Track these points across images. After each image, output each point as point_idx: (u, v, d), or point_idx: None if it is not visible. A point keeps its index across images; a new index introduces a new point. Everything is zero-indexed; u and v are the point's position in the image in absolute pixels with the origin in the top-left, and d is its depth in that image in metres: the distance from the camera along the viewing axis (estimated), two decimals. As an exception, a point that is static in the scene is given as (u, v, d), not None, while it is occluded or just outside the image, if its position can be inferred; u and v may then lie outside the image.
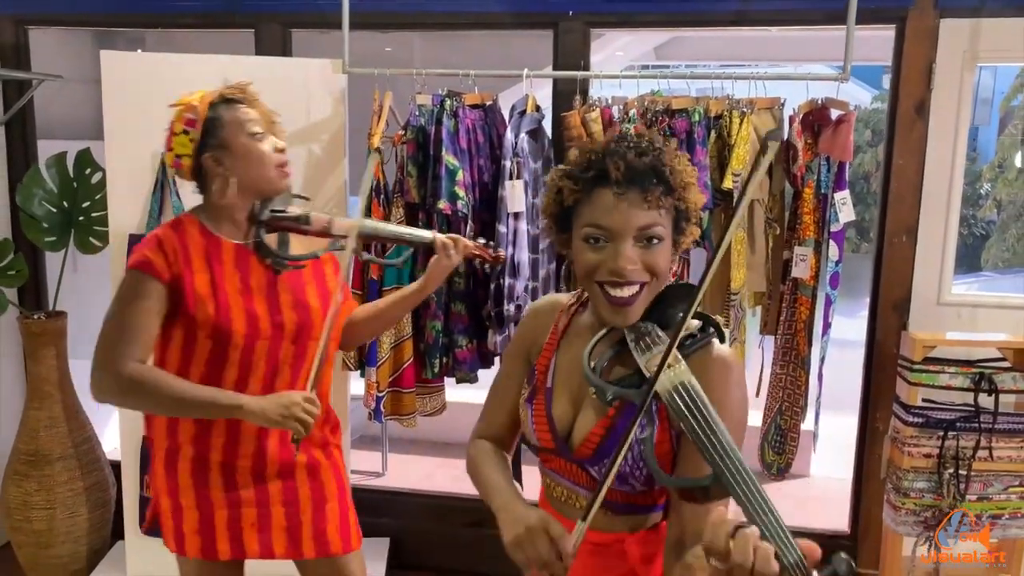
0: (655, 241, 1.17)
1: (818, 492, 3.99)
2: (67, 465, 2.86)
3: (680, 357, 1.11)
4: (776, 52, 4.61)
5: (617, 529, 1.27)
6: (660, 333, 1.18)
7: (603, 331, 1.22)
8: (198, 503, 1.76)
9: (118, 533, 2.88)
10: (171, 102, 1.83)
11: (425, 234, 1.87)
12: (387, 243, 2.18)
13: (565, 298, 1.36)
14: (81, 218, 2.90)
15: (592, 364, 1.17)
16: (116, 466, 2.85)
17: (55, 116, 3.36)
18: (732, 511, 1.07)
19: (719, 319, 1.51)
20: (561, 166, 1.25)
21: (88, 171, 2.89)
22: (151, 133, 2.51)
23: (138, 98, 2.53)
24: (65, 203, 2.88)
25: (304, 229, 1.78)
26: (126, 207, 2.58)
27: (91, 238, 2.91)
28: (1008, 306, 2.65)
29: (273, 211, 1.74)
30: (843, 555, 0.95)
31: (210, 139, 1.73)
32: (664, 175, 1.17)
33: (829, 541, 2.89)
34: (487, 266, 2.00)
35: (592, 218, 1.17)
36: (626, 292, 1.17)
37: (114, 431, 3.23)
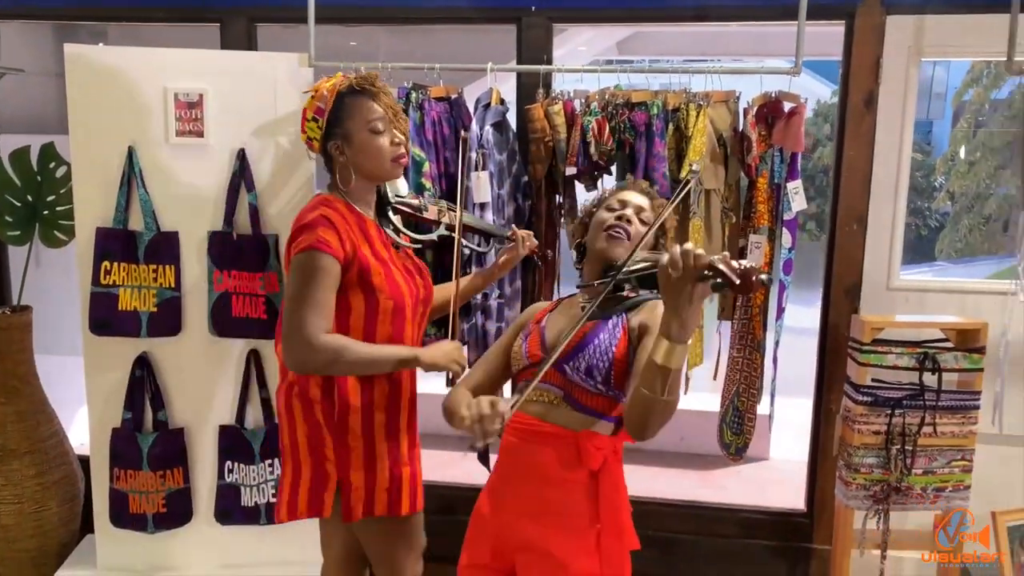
0: (642, 220, 1.76)
1: (777, 474, 4.12)
2: (34, 459, 2.86)
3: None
4: (737, 47, 4.73)
5: (575, 426, 1.64)
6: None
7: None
8: (391, 465, 1.96)
9: (88, 527, 2.88)
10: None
11: (503, 231, 2.29)
12: (477, 233, 2.38)
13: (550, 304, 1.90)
14: (46, 212, 2.90)
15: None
16: (84, 461, 2.85)
17: (17, 110, 3.34)
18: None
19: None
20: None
21: (52, 165, 2.89)
22: (117, 127, 2.56)
23: (103, 92, 2.54)
24: (29, 197, 2.87)
25: (420, 217, 2.11)
26: (93, 201, 2.59)
27: (56, 232, 2.90)
28: (953, 290, 2.78)
29: (397, 196, 2.07)
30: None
31: (335, 128, 1.91)
32: (655, 198, 1.85)
33: (786, 519, 3.01)
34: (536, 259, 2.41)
35: (615, 198, 1.81)
36: (619, 232, 1.72)
37: (82, 426, 3.22)
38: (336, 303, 1.85)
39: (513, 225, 2.26)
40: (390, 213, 2.03)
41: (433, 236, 2.16)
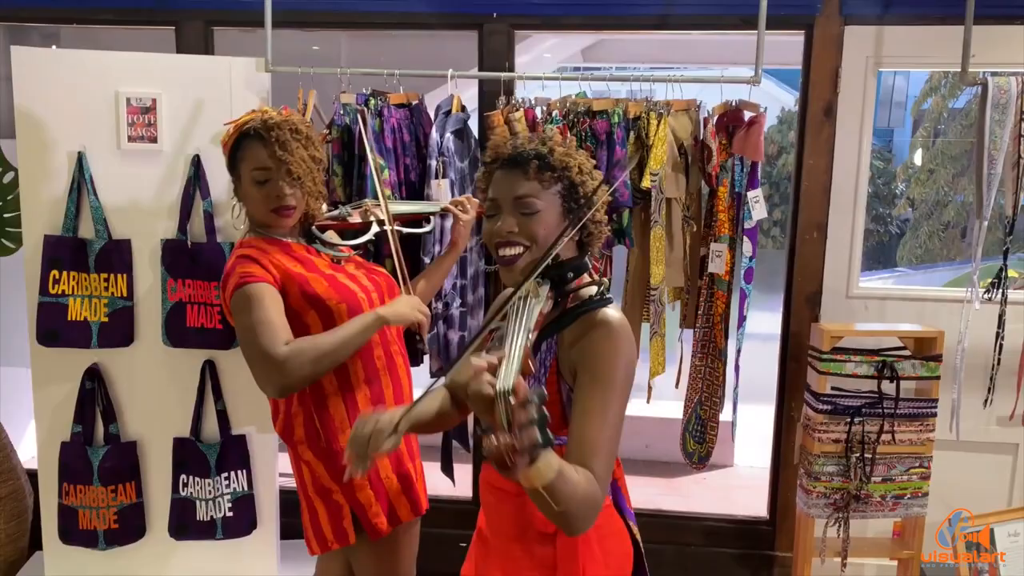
0: (532, 212, 1.35)
1: (741, 481, 4.14)
2: (-20, 475, 2.77)
3: (540, 287, 1.30)
4: (701, 55, 4.75)
5: None
6: (542, 282, 1.32)
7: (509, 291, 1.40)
8: (395, 467, 1.92)
9: (38, 544, 2.79)
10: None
11: (434, 206, 2.25)
12: (411, 219, 2.31)
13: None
14: (-8, 219, 2.82)
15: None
16: (34, 475, 2.77)
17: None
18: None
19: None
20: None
21: (0, 170, 2.80)
22: (66, 131, 2.48)
23: (52, 96, 2.47)
24: (-25, 203, 2.79)
25: (347, 224, 2.05)
26: (41, 208, 2.51)
27: (3, 239, 2.82)
28: (912, 298, 2.81)
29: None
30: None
31: (231, 168, 1.95)
32: (543, 154, 1.37)
33: (749, 527, 3.02)
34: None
35: (489, 192, 1.41)
36: (509, 252, 1.36)
37: (31, 441, 3.13)
38: (293, 328, 1.81)
39: (447, 203, 2.20)
40: (316, 232, 1.98)
41: (370, 236, 2.09)
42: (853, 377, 2.40)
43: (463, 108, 2.55)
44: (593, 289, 1.39)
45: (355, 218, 2.08)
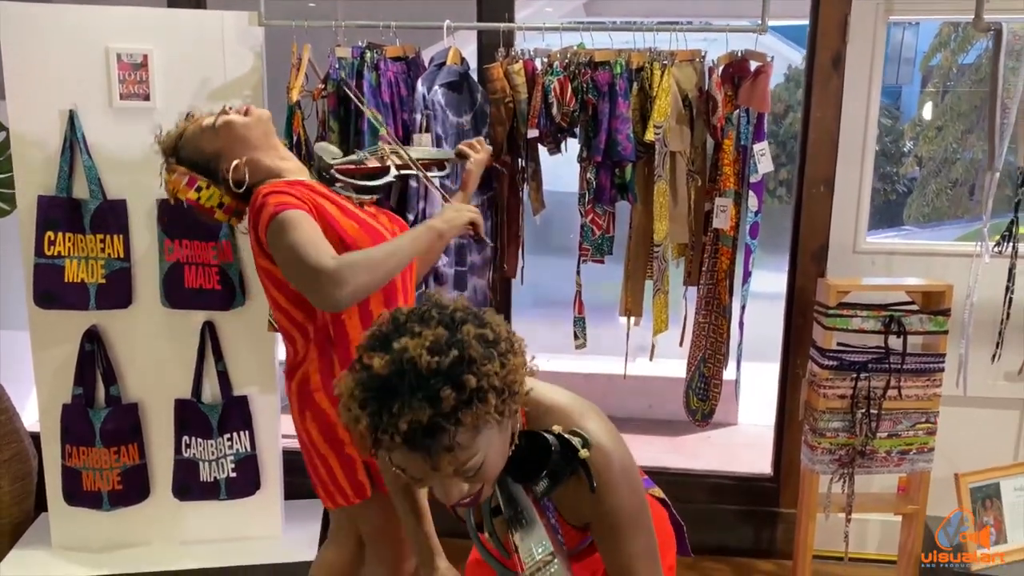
0: (472, 473, 1.08)
1: (745, 439, 4.14)
2: (-17, 437, 2.77)
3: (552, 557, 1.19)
4: (704, 9, 4.65)
5: None
6: (526, 505, 1.21)
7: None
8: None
9: (42, 505, 2.80)
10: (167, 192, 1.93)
11: (448, 153, 2.18)
12: (430, 164, 2.20)
13: None
14: (-15, 180, 2.78)
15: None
16: (37, 438, 2.76)
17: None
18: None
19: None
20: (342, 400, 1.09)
21: (-10, 131, 2.76)
22: (57, 90, 2.44)
23: (41, 53, 2.42)
24: (-33, 165, 2.75)
25: (365, 168, 1.98)
26: (34, 168, 2.48)
27: (-2, 201, 2.79)
28: (918, 252, 2.76)
29: (334, 160, 1.94)
30: None
31: (210, 164, 1.85)
32: (451, 426, 1.01)
33: (753, 484, 3.02)
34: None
35: (396, 462, 1.07)
36: (467, 501, 1.14)
37: (34, 404, 3.13)
38: None
39: (462, 145, 2.12)
40: (336, 175, 1.93)
41: (390, 178, 2.01)
42: (860, 332, 2.36)
43: (462, 60, 2.49)
44: (576, 440, 1.17)
45: (372, 162, 2.01)
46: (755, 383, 4.13)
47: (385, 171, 1.99)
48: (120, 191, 2.51)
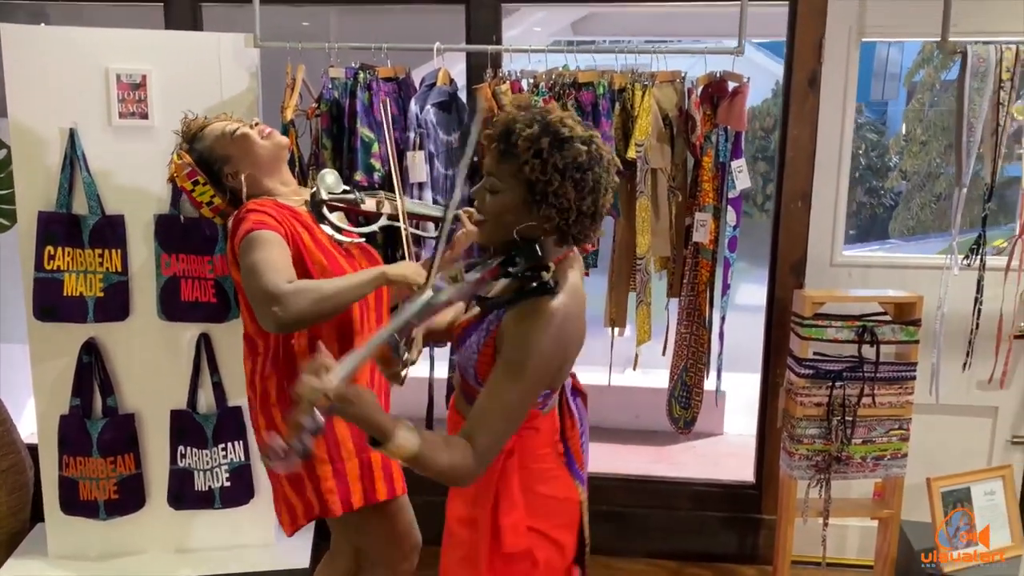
0: (493, 191, 1.41)
1: (730, 448, 4.21)
2: (-19, 448, 2.82)
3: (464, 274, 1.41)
4: (692, 27, 4.74)
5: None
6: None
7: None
8: (357, 452, 1.95)
9: (39, 515, 2.85)
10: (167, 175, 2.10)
11: (442, 210, 2.15)
12: (421, 219, 2.27)
13: None
14: (-14, 197, 2.84)
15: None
16: (34, 449, 2.81)
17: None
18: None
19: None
20: None
21: (-7, 148, 2.83)
22: (58, 108, 2.51)
23: (42, 73, 2.49)
24: (-31, 181, 2.81)
25: (359, 210, 2.03)
26: (34, 184, 2.55)
27: (-1, 217, 2.85)
28: (895, 265, 2.86)
29: (331, 194, 2.00)
30: None
31: (213, 166, 1.99)
32: (508, 138, 1.38)
33: (736, 491, 3.09)
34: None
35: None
36: (478, 218, 1.46)
37: (30, 416, 3.18)
38: None
39: (461, 211, 2.14)
40: (325, 211, 1.98)
41: (375, 227, 2.07)
42: (834, 342, 2.45)
43: (451, 81, 2.58)
44: (542, 276, 1.40)
45: (368, 205, 2.06)
46: (740, 393, 4.21)
47: (376, 218, 2.06)
48: (118, 207, 2.58)
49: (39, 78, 2.49)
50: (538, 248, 1.41)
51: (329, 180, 2.03)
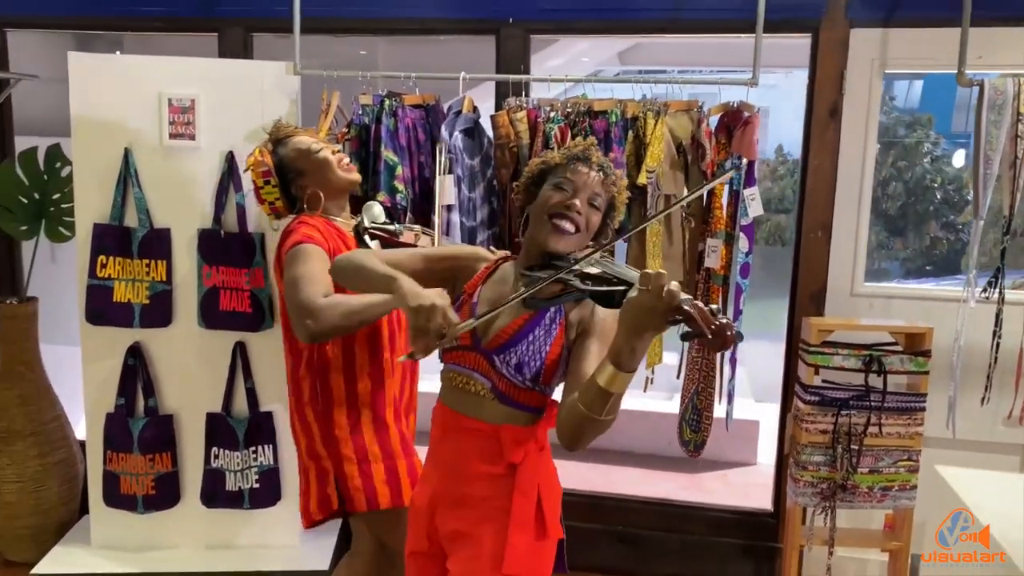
0: (595, 207, 1.60)
1: (762, 479, 4.16)
2: (37, 441, 3.04)
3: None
4: (731, 58, 4.80)
5: (497, 420, 1.61)
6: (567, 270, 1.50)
7: (514, 280, 1.64)
8: (383, 458, 2.10)
9: (86, 509, 3.02)
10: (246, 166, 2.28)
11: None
12: None
13: (493, 255, 1.75)
14: (51, 209, 3.08)
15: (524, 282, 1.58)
16: (84, 447, 3.01)
17: (36, 113, 3.53)
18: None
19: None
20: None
21: (58, 165, 3.07)
22: (115, 129, 2.73)
23: (103, 97, 2.71)
24: (36, 195, 3.06)
25: (397, 242, 2.20)
26: (92, 198, 2.76)
27: (60, 228, 3.09)
28: (916, 296, 2.84)
29: (373, 224, 2.19)
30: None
31: (288, 174, 2.16)
32: (612, 179, 1.65)
33: (754, 519, 3.08)
34: None
35: (566, 174, 1.60)
36: (566, 225, 1.57)
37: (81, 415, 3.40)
38: None
39: (492, 247, 2.24)
40: (367, 239, 2.17)
41: None
42: (841, 370, 2.45)
43: (474, 108, 2.70)
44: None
45: (406, 237, 2.23)
46: (774, 423, 4.18)
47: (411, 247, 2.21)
48: (166, 221, 2.77)
49: (100, 102, 2.71)
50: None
51: (374, 211, 2.24)
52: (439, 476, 1.70)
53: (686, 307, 1.22)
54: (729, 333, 1.20)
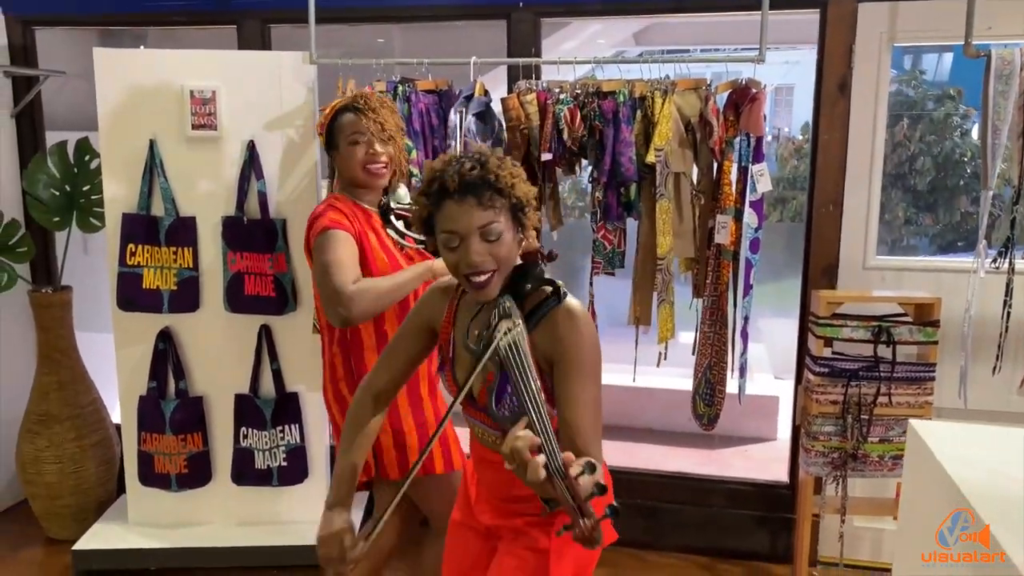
0: (496, 238, 1.41)
1: (781, 453, 4.19)
2: (74, 424, 3.17)
3: (520, 322, 1.38)
4: (747, 36, 4.78)
5: None
6: (510, 304, 1.41)
7: (476, 308, 1.53)
8: (416, 428, 2.18)
9: (123, 489, 3.15)
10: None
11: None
12: None
13: (455, 281, 1.60)
14: (82, 200, 3.20)
15: (475, 333, 1.48)
16: (120, 430, 3.13)
17: (65, 108, 3.65)
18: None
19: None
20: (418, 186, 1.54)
21: (87, 158, 3.18)
22: (140, 121, 2.82)
23: (128, 91, 2.81)
24: (67, 187, 3.18)
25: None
26: (120, 189, 2.86)
27: (91, 218, 3.20)
28: (928, 269, 2.86)
29: (398, 204, 2.23)
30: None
31: (329, 140, 2.22)
32: (491, 181, 1.40)
33: (769, 491, 3.13)
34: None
35: (444, 225, 1.43)
36: (482, 278, 1.43)
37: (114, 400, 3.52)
38: None
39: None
40: (392, 219, 2.23)
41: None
42: (850, 341, 2.49)
43: (486, 92, 2.76)
44: (549, 289, 1.47)
45: None
46: (791, 399, 4.21)
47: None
48: (191, 209, 2.87)
49: (125, 96, 2.81)
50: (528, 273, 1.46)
51: (399, 192, 2.29)
52: (485, 486, 1.70)
53: (552, 493, 1.19)
54: (593, 535, 1.18)
